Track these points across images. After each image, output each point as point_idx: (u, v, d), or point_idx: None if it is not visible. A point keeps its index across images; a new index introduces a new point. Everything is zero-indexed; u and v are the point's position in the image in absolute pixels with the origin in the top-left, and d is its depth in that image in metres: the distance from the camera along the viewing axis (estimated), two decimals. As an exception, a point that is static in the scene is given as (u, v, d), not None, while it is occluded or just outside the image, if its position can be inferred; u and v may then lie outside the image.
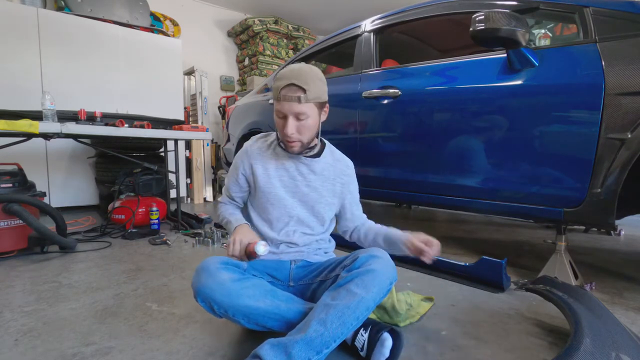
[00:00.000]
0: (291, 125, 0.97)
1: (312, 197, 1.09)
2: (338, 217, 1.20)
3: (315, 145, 1.09)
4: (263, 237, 1.09)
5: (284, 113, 0.97)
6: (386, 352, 0.88)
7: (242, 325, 0.92)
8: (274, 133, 1.14)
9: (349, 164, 1.17)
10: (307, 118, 0.98)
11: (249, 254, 0.95)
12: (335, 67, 4.07)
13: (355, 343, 0.93)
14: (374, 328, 0.92)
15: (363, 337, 0.91)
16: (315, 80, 0.97)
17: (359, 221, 1.20)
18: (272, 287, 0.98)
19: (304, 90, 0.94)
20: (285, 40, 5.22)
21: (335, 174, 1.12)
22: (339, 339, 0.82)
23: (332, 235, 1.22)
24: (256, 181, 1.09)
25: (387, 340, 0.89)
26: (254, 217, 1.13)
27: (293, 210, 1.08)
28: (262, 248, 0.92)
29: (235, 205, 1.20)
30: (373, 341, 0.90)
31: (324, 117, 1.06)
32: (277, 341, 0.80)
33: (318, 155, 1.09)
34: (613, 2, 1.34)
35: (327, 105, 1.05)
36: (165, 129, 2.65)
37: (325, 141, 1.15)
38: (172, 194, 3.08)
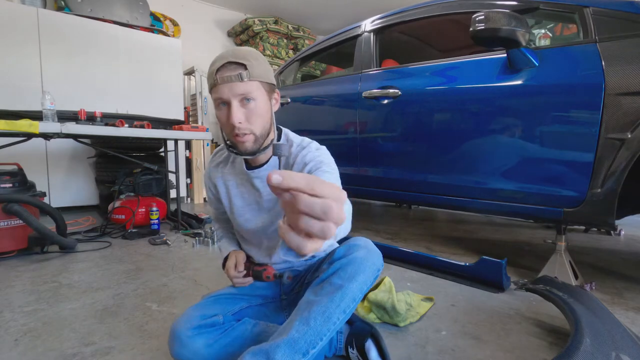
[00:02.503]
0: (236, 111, 0.80)
1: (276, 210, 0.94)
2: None
3: (271, 141, 0.90)
4: (250, 256, 1.05)
5: (224, 99, 0.80)
6: (377, 358, 0.88)
7: None
8: None
9: (308, 146, 0.92)
10: (254, 101, 0.81)
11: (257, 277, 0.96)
12: (335, 67, 4.08)
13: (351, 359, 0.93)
14: (358, 340, 0.91)
15: (353, 353, 0.91)
16: (256, 57, 0.82)
17: None
18: (256, 330, 0.91)
19: (244, 67, 0.79)
20: (285, 40, 5.22)
21: (295, 164, 0.90)
22: (325, 337, 0.75)
23: None
24: (222, 201, 1.01)
25: (372, 350, 0.89)
26: (238, 236, 1.09)
27: (257, 229, 0.97)
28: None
29: (224, 221, 1.14)
30: (363, 353, 0.89)
31: (276, 106, 0.90)
32: (259, 349, 0.74)
33: (265, 162, 0.92)
34: (613, 2, 1.34)
35: (278, 92, 0.90)
36: (165, 129, 2.65)
37: (284, 133, 0.97)
38: (172, 194, 3.09)
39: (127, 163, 2.71)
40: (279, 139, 0.94)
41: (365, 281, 0.80)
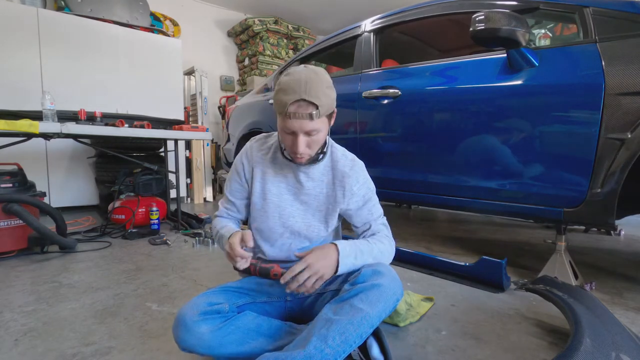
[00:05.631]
0: (302, 143, 0.89)
1: (312, 204, 1.02)
2: (348, 221, 1.10)
3: (323, 153, 1.00)
4: (261, 250, 1.05)
5: (292, 130, 0.88)
6: (379, 356, 0.88)
7: None
8: (274, 135, 1.08)
9: (352, 164, 1.03)
10: (318, 133, 0.90)
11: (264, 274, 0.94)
12: (335, 67, 4.07)
13: (353, 357, 0.93)
14: None
15: (355, 350, 0.90)
16: (325, 91, 0.87)
17: (366, 226, 1.05)
18: (258, 321, 0.92)
19: (316, 106, 0.85)
20: (285, 40, 5.22)
21: (335, 177, 1.02)
22: (340, 357, 0.76)
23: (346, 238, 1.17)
24: (253, 186, 1.04)
25: (374, 347, 0.89)
26: (252, 227, 1.08)
27: (288, 220, 1.02)
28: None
29: (232, 219, 1.13)
30: (365, 351, 0.89)
31: (332, 122, 0.97)
32: (275, 357, 0.76)
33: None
34: (613, 2, 1.34)
35: (335, 110, 0.97)
36: (165, 129, 2.65)
37: (328, 140, 1.05)
38: (172, 194, 3.08)
39: (127, 163, 2.71)
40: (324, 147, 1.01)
41: (385, 309, 0.82)
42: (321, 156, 1.00)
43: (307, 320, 0.97)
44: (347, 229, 1.40)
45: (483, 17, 1.36)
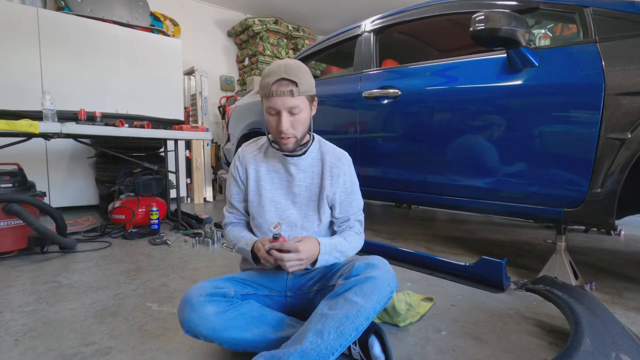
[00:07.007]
0: (285, 121, 0.96)
1: (304, 196, 1.07)
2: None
3: (308, 141, 1.08)
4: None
5: (276, 109, 0.96)
6: (380, 354, 0.88)
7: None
8: (264, 137, 1.14)
9: (340, 156, 1.11)
10: (300, 112, 0.97)
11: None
12: (335, 67, 4.08)
13: (353, 357, 0.93)
14: (361, 336, 0.91)
15: (356, 349, 0.91)
16: (304, 73, 0.97)
17: (344, 218, 1.11)
18: (261, 311, 0.94)
19: (296, 84, 0.94)
20: (285, 40, 5.22)
21: (324, 167, 1.08)
22: (337, 352, 0.78)
23: None
24: (248, 185, 1.09)
25: (375, 345, 0.89)
26: (253, 227, 1.11)
27: (284, 212, 1.06)
28: (275, 229, 0.92)
29: (241, 224, 1.16)
30: (365, 350, 0.90)
31: (313, 111, 1.05)
32: (271, 355, 0.78)
33: (305, 152, 1.07)
34: (613, 2, 1.34)
35: (316, 98, 1.05)
36: (165, 129, 2.65)
37: (316, 136, 1.13)
38: (172, 194, 3.08)
39: (127, 163, 2.71)
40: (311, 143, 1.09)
41: (379, 301, 0.83)
42: (307, 139, 1.07)
43: (307, 316, 0.98)
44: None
45: (483, 17, 1.36)
